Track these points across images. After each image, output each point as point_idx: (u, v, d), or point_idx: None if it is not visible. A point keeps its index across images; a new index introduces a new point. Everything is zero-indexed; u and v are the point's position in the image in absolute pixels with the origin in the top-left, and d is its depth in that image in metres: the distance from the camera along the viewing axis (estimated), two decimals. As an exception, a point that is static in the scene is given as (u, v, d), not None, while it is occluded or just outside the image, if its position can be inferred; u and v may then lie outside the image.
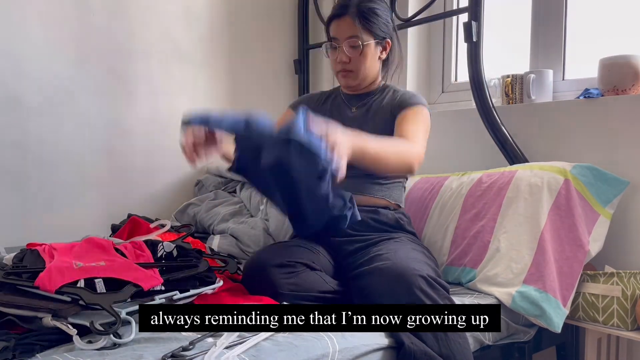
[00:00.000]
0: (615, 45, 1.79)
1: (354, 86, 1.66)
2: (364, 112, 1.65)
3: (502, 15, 2.14)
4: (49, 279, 1.08)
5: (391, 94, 1.66)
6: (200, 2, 2.38)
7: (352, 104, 1.69)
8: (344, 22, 1.58)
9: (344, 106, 1.70)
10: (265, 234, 1.90)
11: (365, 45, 1.57)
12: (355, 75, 1.62)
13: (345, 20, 1.57)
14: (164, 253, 1.31)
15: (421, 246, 1.55)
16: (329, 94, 1.78)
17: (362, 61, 1.60)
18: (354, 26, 1.56)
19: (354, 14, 1.56)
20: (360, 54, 1.58)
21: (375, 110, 1.64)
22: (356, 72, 1.61)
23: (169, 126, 2.32)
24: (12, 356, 0.95)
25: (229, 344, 1.03)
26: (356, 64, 1.60)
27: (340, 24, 1.58)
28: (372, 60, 1.62)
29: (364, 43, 1.57)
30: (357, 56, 1.59)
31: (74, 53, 2.06)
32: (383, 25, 1.60)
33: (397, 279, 1.24)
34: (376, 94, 1.67)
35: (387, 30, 1.62)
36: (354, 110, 1.67)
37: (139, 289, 1.12)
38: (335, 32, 1.60)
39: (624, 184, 1.61)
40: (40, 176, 2.01)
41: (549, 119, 1.83)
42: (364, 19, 1.56)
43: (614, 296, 1.45)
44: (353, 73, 1.62)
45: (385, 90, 1.68)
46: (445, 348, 1.17)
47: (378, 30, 1.59)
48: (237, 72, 2.50)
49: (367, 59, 1.60)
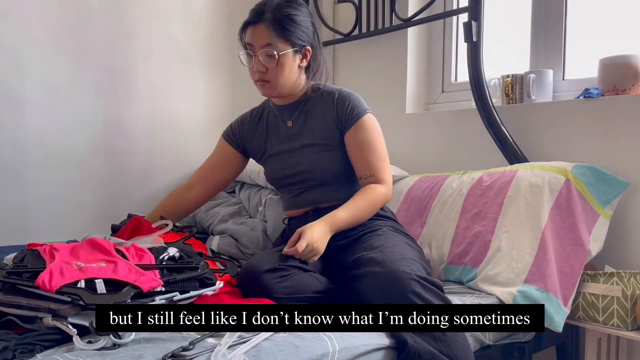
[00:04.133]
0: (615, 45, 1.79)
1: (275, 95, 1.61)
2: (301, 123, 1.62)
3: (502, 15, 2.14)
4: (49, 279, 1.08)
5: (324, 97, 1.61)
6: (200, 2, 2.37)
7: (286, 117, 1.65)
8: (258, 30, 1.50)
9: (279, 121, 1.67)
10: (264, 235, 1.90)
11: (281, 55, 1.50)
12: (273, 86, 1.56)
13: (260, 27, 1.50)
14: (166, 256, 1.31)
15: (404, 234, 1.56)
16: (261, 109, 1.74)
17: (279, 71, 1.53)
18: (269, 35, 1.49)
19: (269, 21, 1.49)
20: (276, 64, 1.51)
21: (312, 120, 1.61)
22: (274, 82, 1.55)
23: (169, 126, 2.32)
24: (12, 356, 0.95)
25: (231, 344, 1.03)
26: (273, 74, 1.53)
27: (255, 31, 1.51)
28: (291, 69, 1.54)
29: (280, 53, 1.50)
30: (274, 66, 1.52)
31: (74, 53, 2.06)
32: (301, 33, 1.53)
33: (390, 285, 1.24)
34: (308, 101, 1.63)
35: (307, 38, 1.55)
36: (289, 124, 1.64)
37: (138, 290, 1.13)
38: (251, 39, 1.53)
39: (624, 185, 1.61)
40: (41, 176, 2.01)
41: (549, 119, 1.82)
42: (280, 27, 1.49)
43: (614, 296, 1.45)
44: (270, 83, 1.55)
45: (315, 92, 1.63)
46: (446, 348, 1.17)
47: (295, 39, 1.52)
48: (237, 72, 2.50)
49: (284, 69, 1.53)
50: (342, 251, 1.51)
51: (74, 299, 1.07)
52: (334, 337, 1.10)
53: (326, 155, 1.59)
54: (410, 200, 1.84)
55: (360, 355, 1.11)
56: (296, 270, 1.38)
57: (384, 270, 1.27)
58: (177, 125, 2.34)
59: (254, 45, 1.53)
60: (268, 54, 1.51)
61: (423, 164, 2.14)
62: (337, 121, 1.59)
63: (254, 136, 1.72)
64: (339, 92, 1.61)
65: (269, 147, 1.68)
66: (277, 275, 1.34)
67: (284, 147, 1.64)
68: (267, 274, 1.34)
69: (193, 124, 2.39)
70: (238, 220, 2.03)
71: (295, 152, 1.62)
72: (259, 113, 1.74)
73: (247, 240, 1.87)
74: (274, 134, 1.67)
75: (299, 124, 1.63)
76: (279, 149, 1.65)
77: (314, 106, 1.62)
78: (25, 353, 0.97)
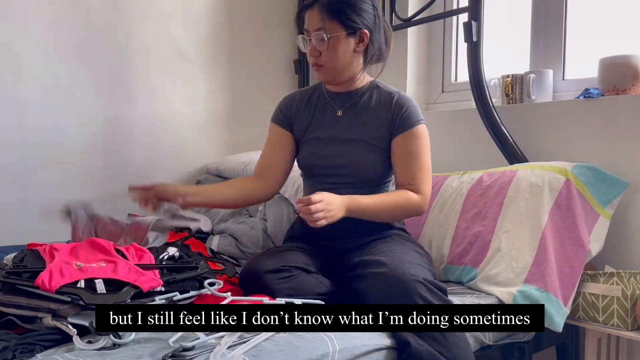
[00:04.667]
0: (615, 45, 1.79)
1: (329, 81, 1.57)
2: (352, 116, 1.57)
3: (502, 15, 2.14)
4: (49, 279, 1.08)
5: (382, 95, 1.57)
6: (200, 2, 2.37)
7: (337, 105, 1.60)
8: (312, 13, 1.49)
9: (328, 107, 1.61)
10: (264, 235, 1.90)
11: (331, 38, 1.47)
12: (326, 70, 1.52)
13: (314, 11, 1.48)
14: (166, 255, 1.31)
15: (413, 243, 1.55)
16: (312, 90, 1.67)
17: (332, 55, 1.49)
18: (321, 18, 1.47)
19: (322, 5, 1.47)
20: (327, 48, 1.48)
21: (365, 115, 1.56)
22: (327, 66, 1.51)
23: (169, 125, 2.32)
24: (12, 356, 0.95)
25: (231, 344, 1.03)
26: (326, 58, 1.50)
27: (309, 15, 1.50)
28: (344, 54, 1.50)
29: (329, 35, 1.47)
30: (325, 50, 1.49)
31: (73, 52, 2.06)
32: (356, 16, 1.48)
33: (395, 285, 1.23)
34: (364, 94, 1.59)
35: (364, 21, 1.49)
36: (339, 113, 1.59)
37: (138, 290, 1.13)
38: (306, 23, 1.51)
39: (624, 185, 1.61)
40: (40, 176, 2.01)
41: (549, 119, 1.82)
42: (332, 10, 1.46)
43: (614, 296, 1.45)
44: (324, 67, 1.52)
45: (373, 88, 1.59)
46: (447, 352, 1.17)
47: (349, 21, 1.47)
48: (237, 72, 2.50)
49: (336, 52, 1.49)
50: (348, 253, 1.49)
51: (74, 299, 1.07)
52: (334, 337, 1.10)
53: (369, 155, 1.54)
54: (410, 200, 1.84)
55: (361, 356, 1.11)
56: (299, 272, 1.37)
57: (390, 271, 1.25)
58: (176, 125, 2.34)
59: (309, 29, 1.50)
60: (319, 37, 1.48)
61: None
62: (391, 123, 1.54)
63: (301, 115, 1.64)
64: (399, 94, 1.57)
65: (312, 129, 1.61)
66: (279, 276, 1.34)
67: (327, 135, 1.58)
68: (269, 274, 1.33)
69: (193, 124, 2.39)
70: (238, 219, 2.04)
71: (337, 143, 1.56)
72: (310, 94, 1.66)
73: (247, 239, 1.87)
74: (320, 118, 1.61)
75: (349, 115, 1.58)
76: (321, 135, 1.59)
77: (369, 102, 1.57)
78: (25, 353, 0.97)
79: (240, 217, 2.06)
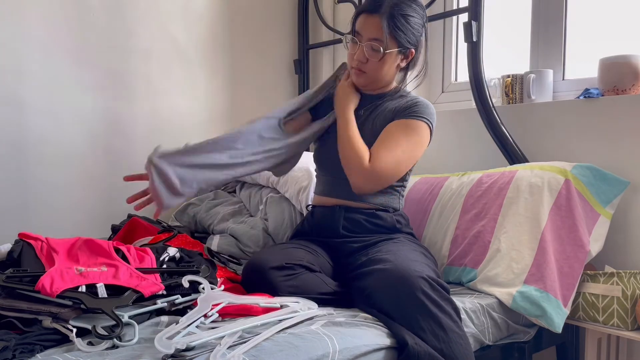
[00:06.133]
0: (615, 45, 1.79)
1: (365, 86, 1.59)
2: (369, 113, 1.60)
3: (502, 15, 2.14)
4: (50, 284, 1.07)
5: (402, 99, 1.58)
6: (200, 2, 2.37)
7: (361, 105, 1.60)
8: (372, 20, 1.47)
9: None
10: (265, 234, 1.90)
11: (387, 53, 1.48)
12: (367, 77, 1.54)
13: (374, 19, 1.46)
14: (167, 257, 1.31)
15: (420, 246, 1.55)
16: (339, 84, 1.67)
17: (379, 67, 1.51)
18: (381, 29, 1.45)
19: (385, 15, 1.45)
20: (379, 60, 1.49)
21: (378, 113, 1.58)
22: (370, 75, 1.53)
23: (169, 126, 2.31)
24: (12, 356, 0.95)
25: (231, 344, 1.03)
26: (372, 68, 1.51)
27: (368, 21, 1.47)
28: (390, 68, 1.53)
29: (386, 51, 1.48)
30: (376, 61, 1.50)
31: (73, 52, 2.06)
32: (411, 35, 1.50)
33: (399, 281, 1.23)
34: (387, 98, 1.60)
35: (414, 40, 1.51)
36: (362, 112, 1.60)
37: (139, 294, 1.13)
38: (361, 27, 1.49)
39: (624, 184, 1.61)
40: (40, 176, 2.01)
41: (549, 119, 1.82)
42: (394, 25, 1.45)
43: (614, 296, 1.45)
44: (366, 74, 1.53)
45: (397, 94, 1.60)
46: (447, 349, 1.17)
47: (404, 40, 1.49)
48: (237, 72, 2.50)
49: (384, 66, 1.51)
50: (355, 253, 1.50)
51: (75, 303, 1.06)
52: (334, 337, 1.10)
53: None
54: (410, 202, 1.84)
55: (361, 356, 1.11)
56: (303, 270, 1.38)
57: (394, 267, 1.27)
58: (176, 124, 2.34)
59: (362, 34, 1.49)
60: (374, 47, 1.48)
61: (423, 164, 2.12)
62: (396, 113, 1.54)
63: (325, 103, 1.65)
64: (418, 98, 1.58)
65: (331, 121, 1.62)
66: (283, 274, 1.34)
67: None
68: (274, 271, 1.34)
69: (193, 124, 2.39)
70: (238, 219, 2.03)
71: None
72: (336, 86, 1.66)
73: (248, 239, 1.87)
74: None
75: (369, 114, 1.59)
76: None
77: (391, 104, 1.58)
78: (25, 353, 0.97)
79: (241, 217, 2.06)
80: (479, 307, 1.40)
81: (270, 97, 2.60)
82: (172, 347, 0.97)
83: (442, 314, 1.21)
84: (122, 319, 1.07)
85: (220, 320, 1.18)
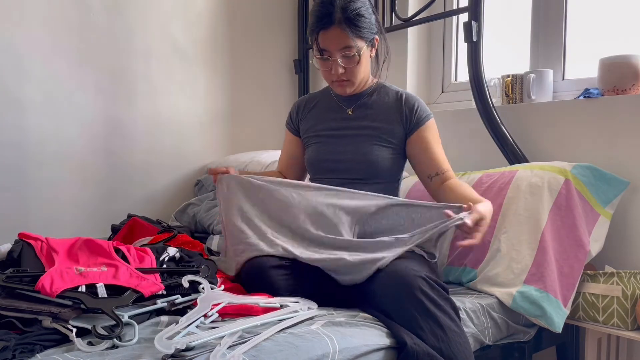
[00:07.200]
0: (615, 45, 1.79)
1: (352, 91, 1.60)
2: (363, 112, 1.61)
3: (502, 15, 2.14)
4: (50, 284, 1.07)
5: (389, 94, 1.61)
6: (200, 2, 2.37)
7: (346, 106, 1.63)
8: (333, 33, 1.47)
9: (337, 107, 1.64)
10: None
11: (361, 54, 1.50)
12: (353, 83, 1.55)
13: (334, 31, 1.46)
14: (167, 257, 1.31)
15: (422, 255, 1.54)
16: (321, 94, 1.72)
17: (359, 69, 1.53)
18: (346, 36, 1.46)
19: (341, 22, 1.45)
20: (357, 64, 1.51)
21: (375, 111, 1.59)
22: (353, 79, 1.54)
23: (169, 126, 2.32)
24: (12, 356, 0.95)
25: (231, 344, 1.03)
26: (353, 73, 1.53)
27: (330, 35, 1.47)
28: (367, 63, 1.56)
29: (360, 53, 1.49)
30: (354, 65, 1.51)
31: (74, 52, 2.06)
32: (370, 25, 1.50)
33: (398, 281, 1.24)
34: (372, 93, 1.62)
35: (374, 28, 1.53)
36: (349, 112, 1.62)
37: (139, 294, 1.13)
38: (326, 44, 1.49)
39: (624, 184, 1.61)
40: (40, 176, 2.01)
41: (549, 119, 1.82)
42: (354, 26, 1.46)
43: (614, 296, 1.45)
44: (349, 81, 1.55)
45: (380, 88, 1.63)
46: (446, 349, 1.17)
47: (367, 33, 1.50)
48: (237, 72, 2.50)
49: (362, 65, 1.53)
50: None
51: (75, 303, 1.06)
52: (334, 337, 1.10)
53: (380, 149, 1.56)
54: (410, 201, 1.84)
55: (360, 356, 1.11)
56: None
57: (393, 266, 1.28)
58: (176, 124, 2.34)
59: (330, 49, 1.49)
60: (347, 55, 1.49)
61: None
62: (403, 120, 1.57)
63: (306, 119, 1.69)
64: (405, 92, 1.62)
65: (319, 128, 1.64)
66: (284, 273, 1.34)
67: (337, 132, 1.61)
68: (274, 270, 1.34)
69: (192, 124, 2.39)
70: (238, 220, 2.03)
71: (347, 138, 1.59)
72: (319, 98, 1.71)
73: (247, 240, 1.86)
74: (328, 118, 1.64)
75: (360, 112, 1.61)
76: (330, 132, 1.62)
77: (378, 100, 1.61)
78: (25, 353, 0.97)
79: (240, 217, 2.05)
80: (479, 307, 1.41)
81: (270, 97, 2.60)
82: (172, 347, 0.98)
83: (441, 313, 1.21)
84: (122, 319, 1.07)
85: (220, 320, 1.18)
